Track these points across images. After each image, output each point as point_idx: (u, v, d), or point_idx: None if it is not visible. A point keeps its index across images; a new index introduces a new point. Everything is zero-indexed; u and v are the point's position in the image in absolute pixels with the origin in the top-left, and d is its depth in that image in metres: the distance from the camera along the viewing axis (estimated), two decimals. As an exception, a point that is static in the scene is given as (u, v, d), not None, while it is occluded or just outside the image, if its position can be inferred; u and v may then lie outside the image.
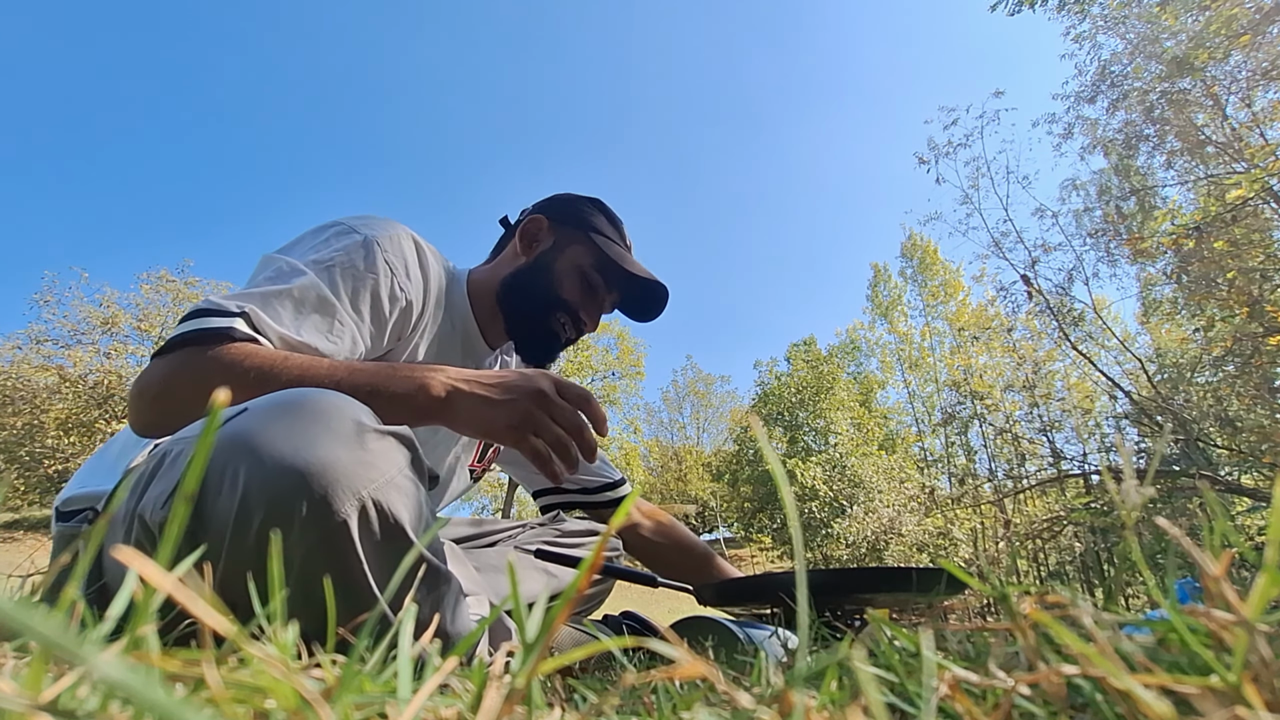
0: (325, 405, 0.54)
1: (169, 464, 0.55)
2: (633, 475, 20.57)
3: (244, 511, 0.48)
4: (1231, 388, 8.60)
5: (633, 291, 1.08)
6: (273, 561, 0.22)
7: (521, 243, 1.05)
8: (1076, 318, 10.15)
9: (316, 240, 0.83)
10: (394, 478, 0.54)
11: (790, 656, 0.62)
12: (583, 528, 1.16)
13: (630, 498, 0.23)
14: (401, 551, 0.53)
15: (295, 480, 0.48)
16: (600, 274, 1.04)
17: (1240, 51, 7.26)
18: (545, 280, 1.02)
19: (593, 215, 1.07)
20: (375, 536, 0.52)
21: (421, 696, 0.19)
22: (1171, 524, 0.23)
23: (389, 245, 0.85)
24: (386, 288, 0.84)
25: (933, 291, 21.56)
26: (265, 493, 0.48)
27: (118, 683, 0.12)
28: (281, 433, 0.50)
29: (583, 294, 1.04)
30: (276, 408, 0.53)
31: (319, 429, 0.52)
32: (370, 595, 0.51)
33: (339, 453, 0.51)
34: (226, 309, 0.71)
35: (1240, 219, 7.23)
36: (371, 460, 0.52)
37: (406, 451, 0.57)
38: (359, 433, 0.53)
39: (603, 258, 1.03)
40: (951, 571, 0.28)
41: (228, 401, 0.17)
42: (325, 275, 0.79)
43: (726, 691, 0.20)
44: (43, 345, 12.54)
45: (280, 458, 0.49)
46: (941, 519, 14.89)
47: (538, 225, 1.05)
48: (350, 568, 0.51)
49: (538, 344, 1.04)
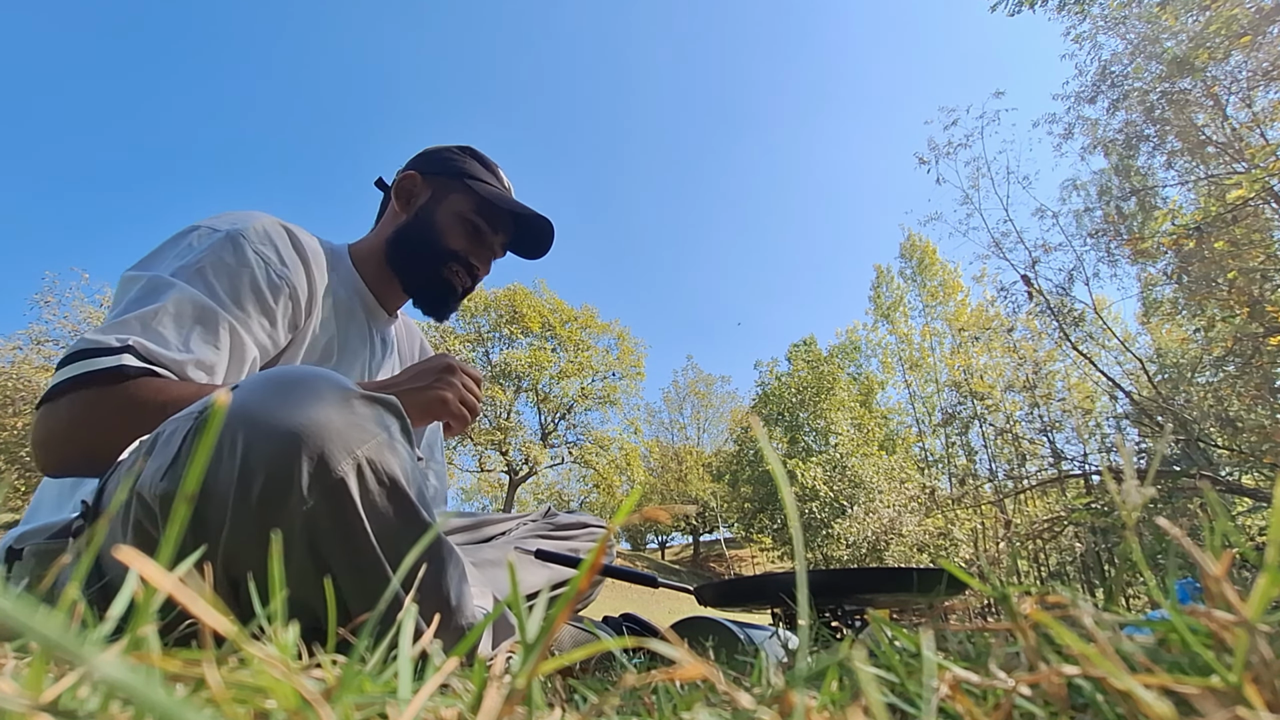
0: (311, 375, 0.55)
1: (164, 441, 0.55)
2: (633, 475, 20.56)
3: (245, 477, 0.49)
4: (1232, 388, 8.59)
5: (519, 230, 1.09)
6: (273, 562, 0.22)
7: (399, 201, 1.05)
8: (1077, 318, 10.14)
9: (178, 248, 0.81)
10: (386, 440, 0.55)
11: (790, 657, 0.62)
12: (574, 520, 1.16)
13: (632, 496, 0.23)
14: (401, 509, 0.54)
15: (292, 442, 0.49)
16: (482, 217, 1.04)
17: (1241, 51, 7.26)
18: (429, 233, 1.02)
19: (465, 162, 1.07)
20: (373, 495, 0.53)
21: (422, 697, 0.19)
22: (1172, 524, 0.23)
23: (255, 236, 0.84)
24: (264, 278, 0.82)
25: (931, 292, 21.55)
26: (264, 456, 0.49)
27: (118, 683, 0.12)
28: (274, 400, 0.52)
29: (469, 240, 1.04)
30: (266, 380, 0.54)
31: (309, 395, 0.53)
32: (373, 553, 0.52)
33: (330, 414, 0.52)
34: (108, 345, 0.69)
35: (1241, 219, 7.23)
36: (361, 423, 0.54)
37: (396, 419, 0.58)
38: (345, 398, 0.54)
39: (481, 201, 1.04)
40: (952, 572, 0.28)
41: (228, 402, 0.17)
42: (198, 281, 0.77)
43: (727, 692, 0.20)
44: (43, 346, 12.54)
45: (276, 422, 0.50)
46: (942, 519, 14.87)
47: (411, 181, 1.05)
48: (352, 525, 0.52)
49: (435, 297, 1.06)
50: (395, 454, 0.55)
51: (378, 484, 0.53)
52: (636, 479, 20.64)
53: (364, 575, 0.52)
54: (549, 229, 1.08)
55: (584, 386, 21.06)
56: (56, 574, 0.58)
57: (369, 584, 0.52)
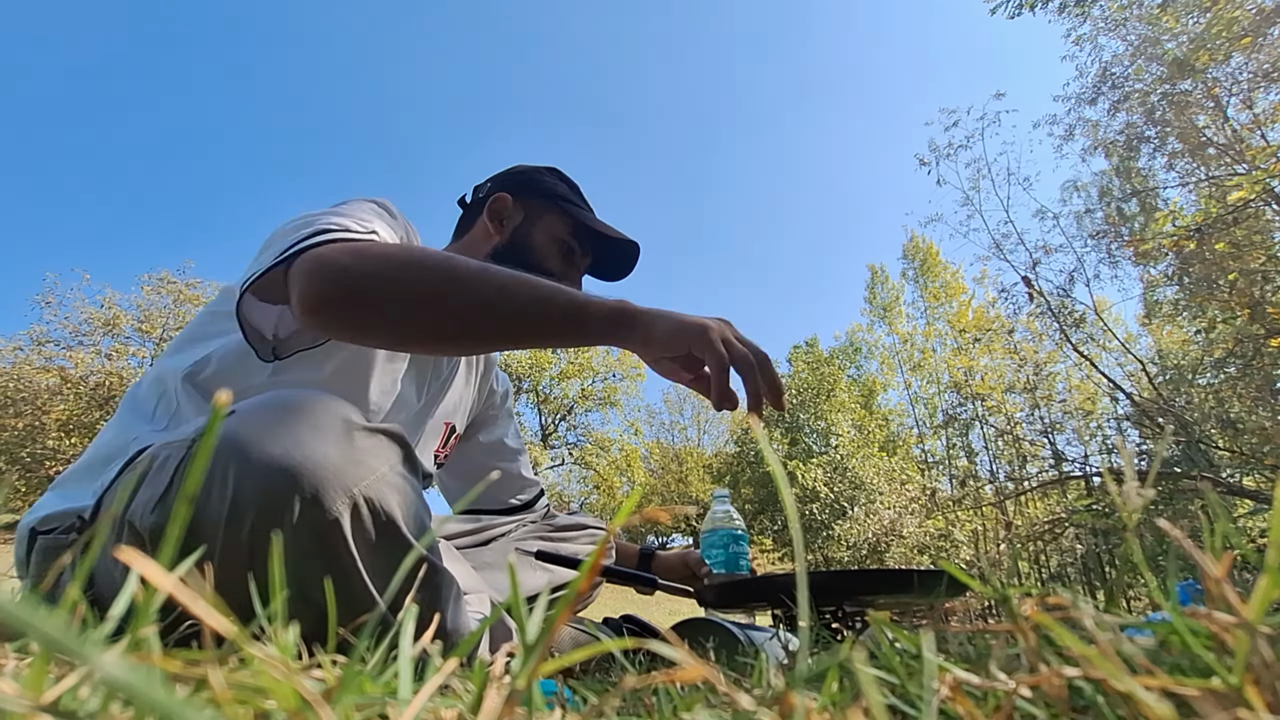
0: (312, 405, 0.54)
1: (156, 468, 0.55)
2: (634, 476, 20.55)
3: (235, 513, 0.48)
4: (1233, 389, 8.58)
5: (605, 253, 1.09)
6: (273, 561, 0.22)
7: (492, 222, 1.05)
8: (1078, 319, 10.13)
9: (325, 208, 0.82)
10: (385, 475, 0.53)
11: (791, 658, 0.62)
12: (573, 521, 1.16)
13: (633, 497, 0.23)
14: (396, 548, 0.53)
15: (286, 480, 0.48)
16: (576, 240, 1.05)
17: (1241, 53, 7.26)
18: (527, 255, 1.02)
19: (555, 184, 1.08)
20: (369, 534, 0.52)
21: (422, 697, 0.19)
22: (1173, 526, 0.23)
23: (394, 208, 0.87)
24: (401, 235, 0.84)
25: (934, 293, 21.54)
26: (256, 494, 0.48)
27: (119, 683, 0.12)
28: (270, 433, 0.50)
29: (563, 262, 1.05)
30: (263, 408, 0.53)
31: (306, 428, 0.51)
32: (367, 594, 0.51)
33: (328, 451, 0.51)
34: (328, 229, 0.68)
35: (1241, 221, 7.22)
36: (361, 458, 0.52)
37: (398, 449, 0.56)
38: (347, 431, 0.53)
39: (577, 224, 1.04)
40: (952, 573, 0.28)
41: (229, 402, 0.17)
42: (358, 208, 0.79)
43: (727, 693, 0.20)
44: (44, 346, 12.55)
45: (270, 458, 0.49)
46: (943, 521, 14.86)
47: (503, 202, 1.05)
48: (345, 567, 0.51)
49: None
50: (394, 489, 0.54)
51: (373, 522, 0.52)
52: (637, 480, 20.64)
53: (356, 611, 0.51)
54: (634, 252, 1.09)
55: (584, 387, 21.07)
56: (57, 574, 0.59)
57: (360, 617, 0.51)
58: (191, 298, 13.85)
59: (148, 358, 13.34)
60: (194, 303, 13.81)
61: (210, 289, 14.15)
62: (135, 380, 1.18)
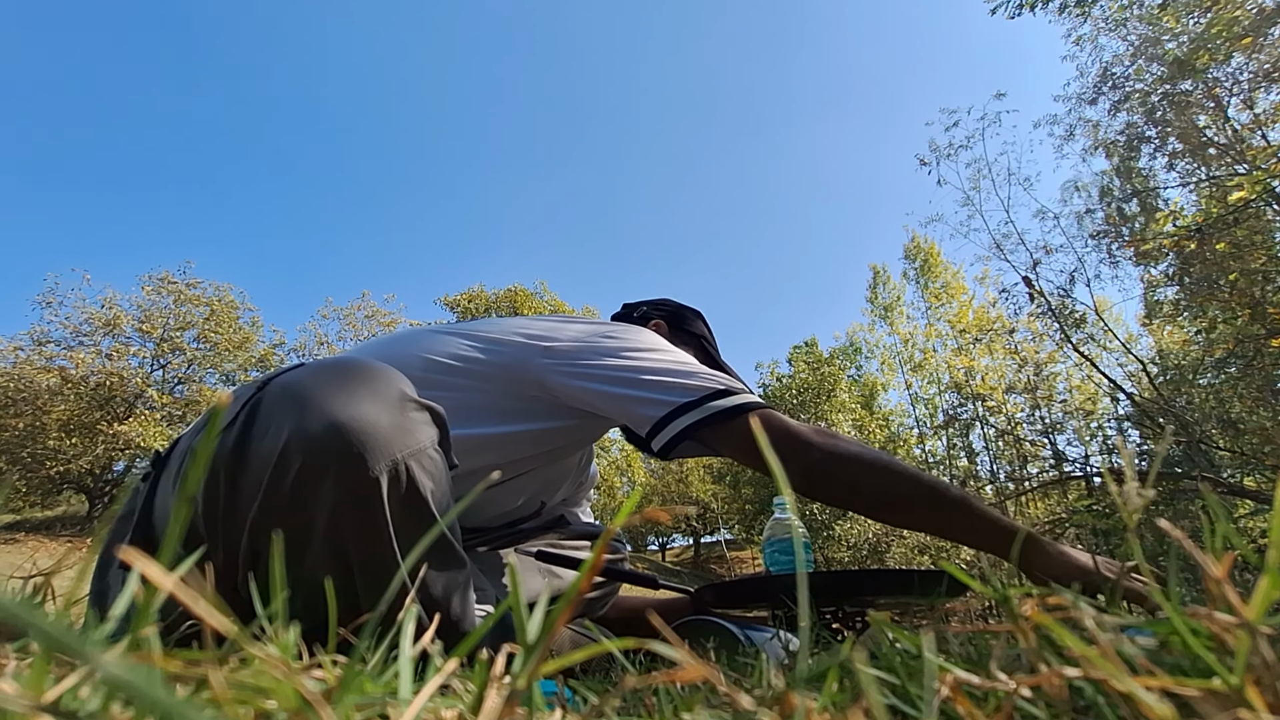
0: (375, 371, 0.57)
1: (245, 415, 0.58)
2: (634, 477, 20.55)
3: (284, 458, 0.51)
4: (1234, 390, 8.58)
5: None
6: (274, 561, 0.22)
7: None
8: (1078, 320, 10.11)
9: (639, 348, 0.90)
10: (426, 448, 0.57)
11: (791, 658, 0.62)
12: (583, 529, 1.16)
13: (633, 498, 0.23)
14: (424, 516, 0.56)
15: (335, 435, 0.51)
16: None
17: (1242, 53, 7.25)
18: None
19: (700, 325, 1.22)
20: (402, 499, 0.55)
21: (423, 697, 0.19)
22: (1173, 526, 0.23)
23: None
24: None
25: (934, 293, 21.53)
26: (305, 443, 0.51)
27: (120, 683, 0.12)
28: (330, 390, 0.54)
29: None
30: (330, 367, 0.57)
31: (366, 391, 0.55)
32: (392, 553, 0.54)
33: (380, 415, 0.54)
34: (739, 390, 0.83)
35: (1242, 221, 7.21)
36: (410, 428, 0.56)
37: (437, 429, 0.60)
38: (402, 401, 0.57)
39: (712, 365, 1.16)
40: (953, 574, 0.28)
41: (230, 402, 0.17)
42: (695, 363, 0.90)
43: (728, 693, 0.20)
44: (45, 346, 12.53)
45: (325, 413, 0.52)
46: (943, 521, 14.81)
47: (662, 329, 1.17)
48: (377, 523, 0.53)
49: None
50: (431, 462, 0.57)
51: (409, 489, 0.55)
52: (637, 480, 20.63)
53: (380, 575, 0.53)
54: None
55: (585, 388, 21.01)
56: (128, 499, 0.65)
57: (383, 585, 0.53)
58: (192, 298, 13.82)
59: (148, 358, 13.34)
60: (194, 303, 13.79)
61: (210, 289, 14.10)
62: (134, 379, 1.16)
